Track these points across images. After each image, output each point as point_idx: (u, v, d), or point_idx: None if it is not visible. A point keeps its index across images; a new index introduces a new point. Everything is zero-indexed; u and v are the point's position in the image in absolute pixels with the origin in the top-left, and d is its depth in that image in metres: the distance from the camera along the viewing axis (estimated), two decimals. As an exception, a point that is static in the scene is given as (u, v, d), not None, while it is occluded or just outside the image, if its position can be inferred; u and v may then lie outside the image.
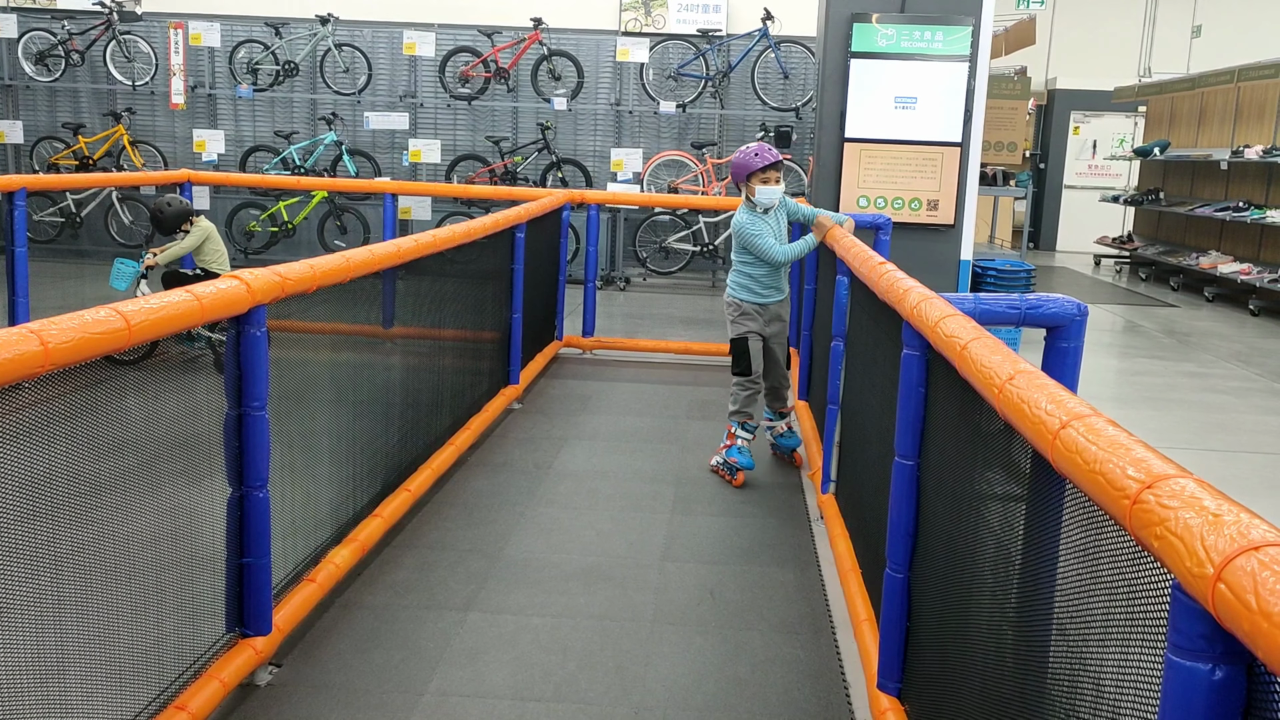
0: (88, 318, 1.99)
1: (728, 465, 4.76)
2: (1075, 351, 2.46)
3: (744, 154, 4.68)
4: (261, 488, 2.80)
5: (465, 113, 11.27)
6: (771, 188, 4.64)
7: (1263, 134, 11.43)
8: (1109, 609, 1.43)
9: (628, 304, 9.76)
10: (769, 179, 4.63)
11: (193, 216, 6.29)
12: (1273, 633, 0.83)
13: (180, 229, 6.26)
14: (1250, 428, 6.24)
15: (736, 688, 3.01)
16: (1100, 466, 1.24)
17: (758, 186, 4.62)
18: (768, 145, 4.67)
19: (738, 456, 4.73)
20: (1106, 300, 11.30)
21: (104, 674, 2.36)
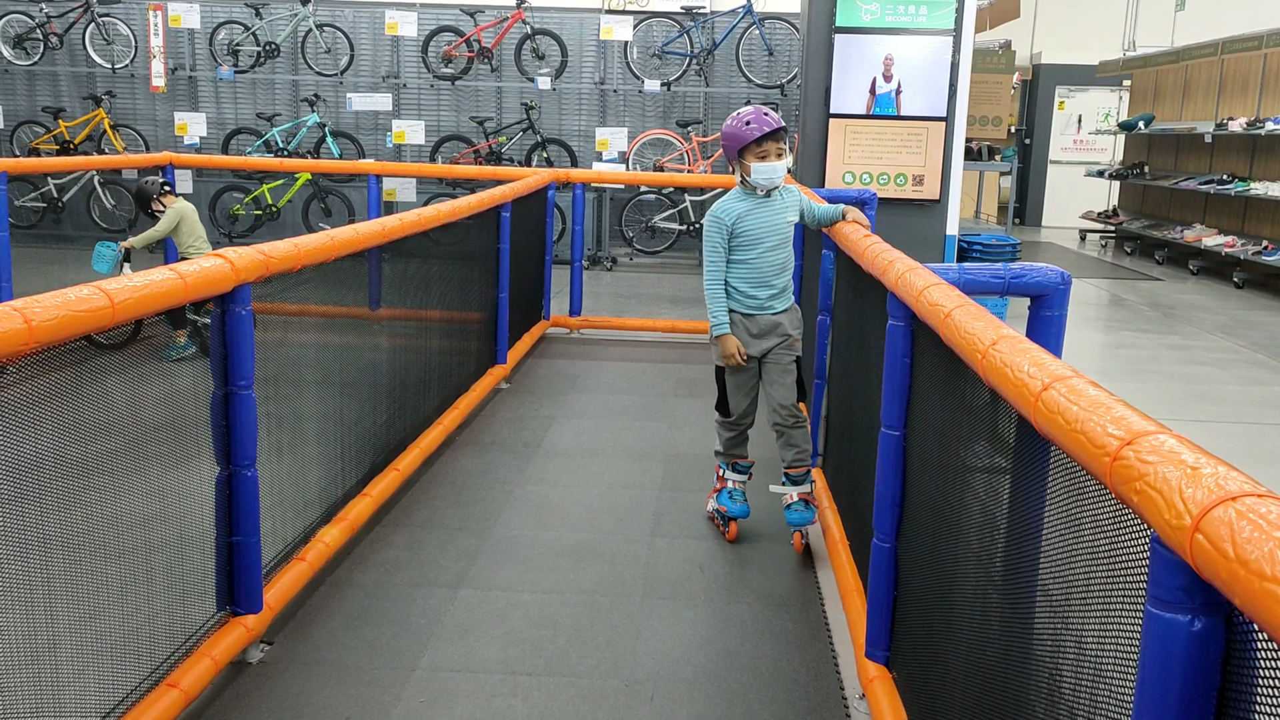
0: (71, 296, 1.98)
1: (719, 513, 3.94)
2: (1059, 320, 2.47)
3: (734, 122, 3.64)
4: (249, 466, 2.80)
5: (449, 93, 11.21)
6: (771, 163, 3.61)
7: (1246, 106, 11.46)
8: (1091, 567, 1.44)
9: (614, 283, 9.76)
10: (766, 152, 3.61)
11: (164, 197, 6.21)
12: (1249, 579, 0.85)
13: (152, 210, 6.20)
14: (1234, 399, 6.28)
15: (726, 659, 3.04)
16: (1081, 425, 1.26)
17: (753, 164, 3.61)
18: (763, 108, 3.64)
19: (727, 503, 3.88)
20: (1092, 274, 11.34)
21: (95, 653, 2.37)
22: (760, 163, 3.62)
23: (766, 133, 3.57)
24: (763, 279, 3.71)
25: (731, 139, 3.64)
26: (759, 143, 3.59)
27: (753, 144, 3.59)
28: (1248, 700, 0.99)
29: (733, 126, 3.63)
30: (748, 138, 3.58)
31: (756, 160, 3.62)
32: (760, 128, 3.57)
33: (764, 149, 3.60)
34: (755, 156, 3.62)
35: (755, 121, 3.59)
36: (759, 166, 3.62)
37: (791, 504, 3.84)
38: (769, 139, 3.59)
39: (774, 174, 3.63)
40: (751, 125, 3.58)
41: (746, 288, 3.72)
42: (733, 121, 3.64)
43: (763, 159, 3.61)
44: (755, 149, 3.60)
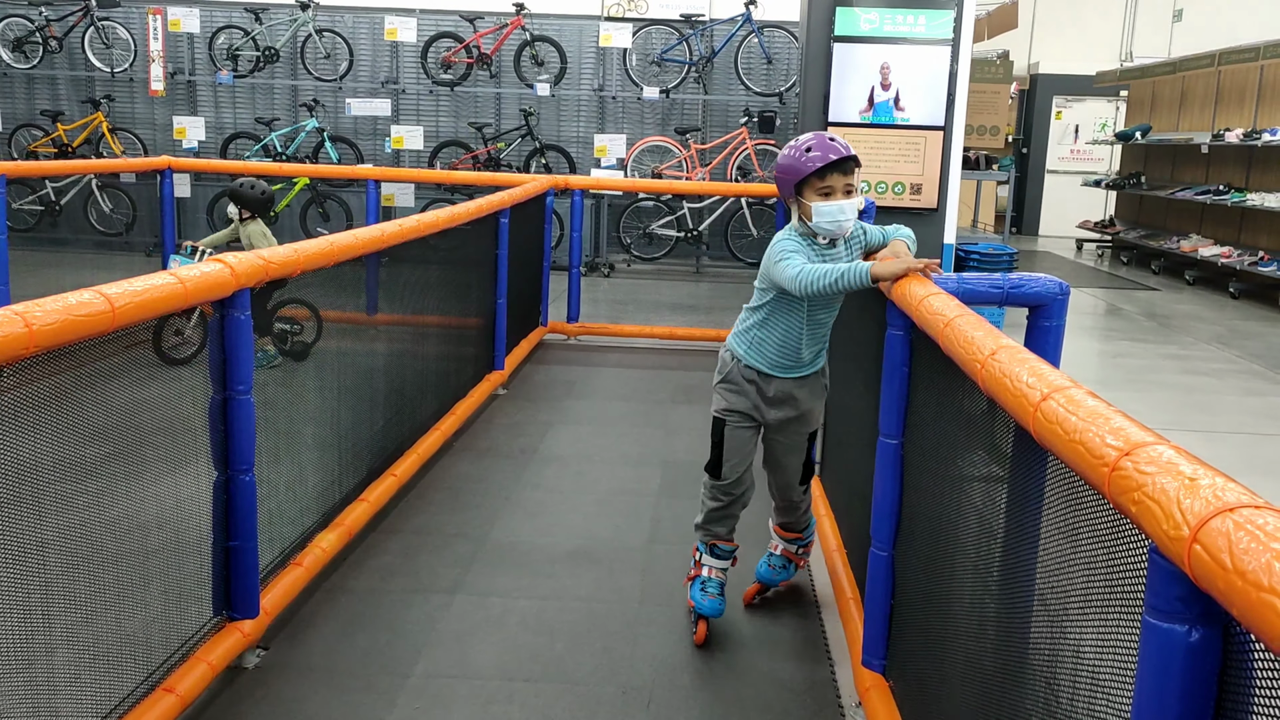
0: (72, 300, 1.99)
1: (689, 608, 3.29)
2: (1057, 330, 2.48)
3: (791, 151, 2.88)
4: (247, 471, 2.80)
5: (448, 99, 11.23)
6: (837, 202, 2.82)
7: (1243, 117, 11.50)
8: (1089, 577, 1.45)
9: (612, 290, 9.76)
10: (831, 188, 2.82)
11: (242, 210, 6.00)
12: (1247, 590, 0.85)
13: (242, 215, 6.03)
14: (1230, 409, 6.29)
15: (723, 667, 3.03)
16: (1080, 436, 1.26)
17: (814, 203, 2.83)
18: (826, 134, 2.87)
19: (697, 597, 3.19)
20: (1088, 284, 11.36)
21: (91, 657, 2.37)
22: (824, 202, 2.81)
23: (831, 162, 2.78)
24: (799, 343, 3.03)
25: (787, 171, 2.85)
26: (821, 175, 2.80)
27: (813, 177, 2.80)
28: (1244, 711, 0.99)
29: (789, 157, 2.86)
30: (806, 169, 2.79)
31: (819, 198, 2.82)
32: (825, 155, 2.78)
33: (828, 183, 2.81)
34: (817, 194, 2.82)
35: (818, 148, 2.80)
36: (823, 207, 2.81)
37: (772, 554, 3.42)
38: (834, 170, 2.80)
39: (841, 217, 2.83)
40: (813, 154, 2.80)
41: (777, 347, 3.04)
42: (789, 151, 2.88)
43: (827, 196, 2.82)
44: (817, 183, 2.82)
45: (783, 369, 3.07)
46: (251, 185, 6.05)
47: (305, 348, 5.45)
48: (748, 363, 3.08)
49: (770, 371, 3.07)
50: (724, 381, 3.15)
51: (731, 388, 3.13)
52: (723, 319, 8.24)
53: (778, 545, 3.44)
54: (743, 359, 3.09)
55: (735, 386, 3.12)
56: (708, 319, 8.25)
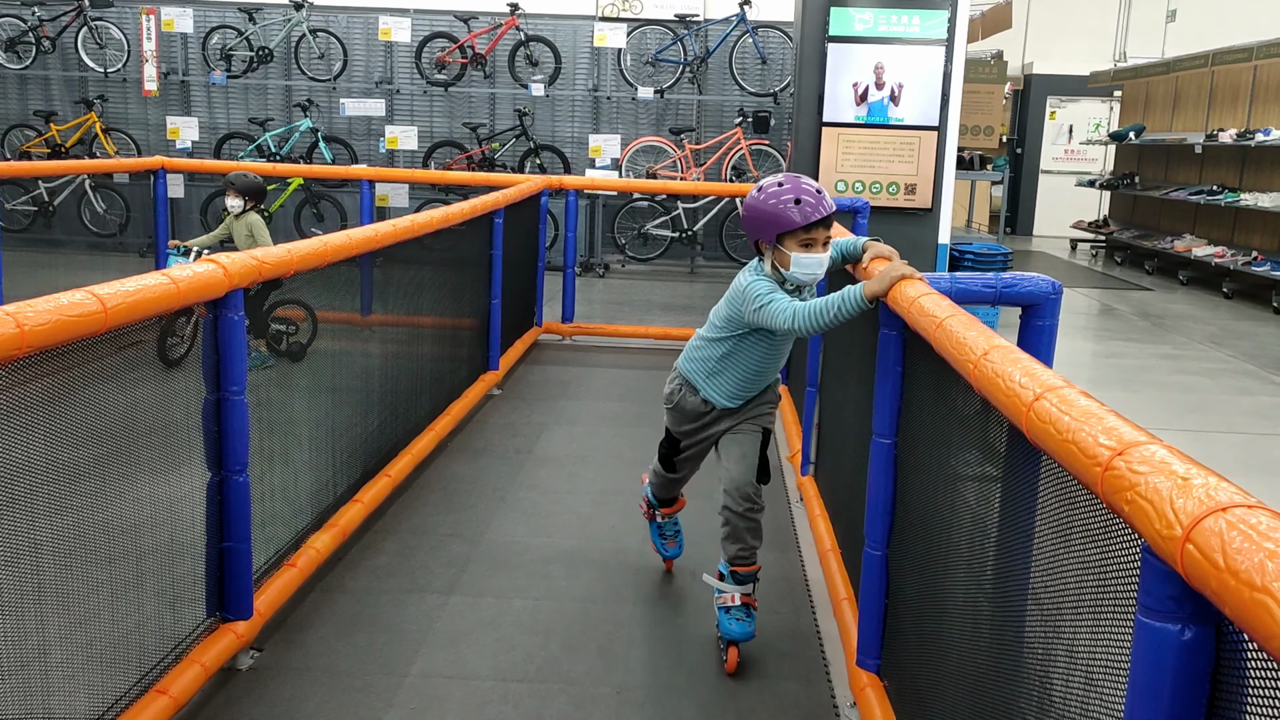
0: (64, 300, 1.98)
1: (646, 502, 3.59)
2: (1050, 330, 2.48)
3: (771, 198, 2.81)
4: (241, 472, 2.79)
5: (442, 99, 11.22)
6: (817, 255, 2.82)
7: (1236, 117, 11.53)
8: (1082, 577, 1.45)
9: (607, 290, 9.76)
10: (813, 240, 2.81)
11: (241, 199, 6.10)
12: (1240, 589, 0.85)
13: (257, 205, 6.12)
14: (1224, 409, 6.31)
15: (718, 667, 3.03)
16: (1073, 436, 1.26)
17: (794, 254, 2.80)
18: (806, 181, 2.82)
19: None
20: (1082, 284, 11.38)
21: (85, 659, 2.36)
22: (806, 254, 2.80)
23: (819, 219, 2.76)
24: (760, 375, 3.09)
25: (768, 219, 2.80)
26: (807, 229, 2.77)
27: (799, 231, 2.78)
28: (1237, 710, 0.99)
29: (772, 205, 2.79)
30: (793, 223, 2.76)
31: (800, 250, 2.80)
32: (814, 212, 2.76)
33: (812, 235, 2.79)
34: (799, 245, 2.80)
35: (807, 203, 2.76)
36: (804, 259, 2.80)
37: (730, 607, 3.07)
38: (819, 225, 2.78)
39: (819, 270, 2.85)
40: (803, 207, 2.76)
41: (739, 383, 3.07)
42: (768, 197, 2.81)
43: (807, 248, 2.80)
44: (802, 235, 2.78)
45: (736, 399, 3.11)
46: (244, 176, 6.17)
47: (301, 348, 5.44)
48: (702, 393, 3.12)
49: (720, 404, 3.11)
50: (674, 409, 3.25)
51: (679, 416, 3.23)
52: (717, 319, 8.24)
53: (734, 596, 3.08)
54: (698, 390, 3.13)
55: (683, 413, 3.21)
56: (703, 319, 8.21)
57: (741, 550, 3.08)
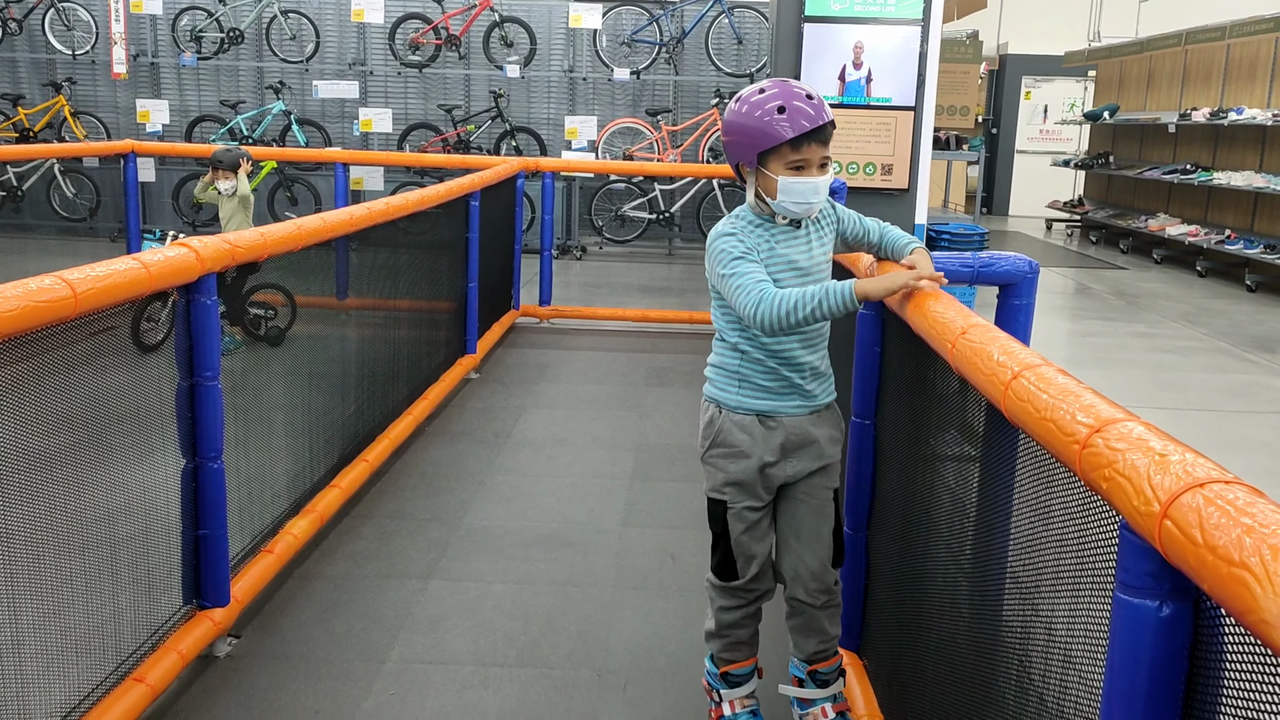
0: (33, 285, 1.95)
1: None
2: (1027, 309, 2.49)
3: (750, 107, 2.15)
4: (216, 459, 2.77)
5: (416, 81, 11.12)
6: (811, 179, 2.15)
7: (1209, 96, 11.59)
8: (1061, 555, 1.45)
9: (584, 273, 9.73)
10: (805, 161, 2.14)
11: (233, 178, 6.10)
12: (1217, 564, 0.85)
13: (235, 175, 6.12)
14: (1198, 386, 6.37)
15: (698, 649, 3.03)
16: (1051, 414, 1.26)
17: (782, 177, 2.15)
18: (803, 88, 2.16)
19: None
20: (1058, 264, 11.45)
21: (59, 648, 2.33)
22: (796, 177, 2.14)
23: (807, 130, 2.10)
24: (789, 355, 2.29)
25: (748, 134, 2.15)
26: (796, 144, 2.11)
27: (786, 146, 2.12)
28: (1215, 684, 1.00)
29: (749, 115, 2.14)
30: (777, 136, 2.11)
31: (789, 172, 2.14)
32: (804, 121, 2.10)
33: (803, 155, 2.13)
34: (787, 167, 2.14)
35: (793, 109, 2.10)
36: (794, 184, 2.14)
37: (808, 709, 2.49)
38: (812, 139, 2.12)
39: (815, 198, 2.18)
40: (790, 115, 2.09)
41: (770, 374, 2.29)
42: (747, 107, 2.15)
43: (799, 170, 2.14)
44: (789, 154, 2.13)
45: (788, 401, 2.31)
46: (227, 151, 6.22)
47: (280, 333, 5.40)
48: (740, 407, 2.31)
49: (773, 410, 2.30)
50: (715, 445, 2.33)
51: (727, 452, 2.31)
52: (695, 301, 8.24)
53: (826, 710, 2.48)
54: (733, 405, 2.31)
55: (732, 449, 2.30)
56: (680, 301, 8.25)
57: (822, 643, 2.44)
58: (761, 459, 2.31)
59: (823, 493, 2.38)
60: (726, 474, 2.34)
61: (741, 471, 2.32)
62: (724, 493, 2.36)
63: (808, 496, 2.37)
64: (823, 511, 2.38)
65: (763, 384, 2.31)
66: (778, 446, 2.31)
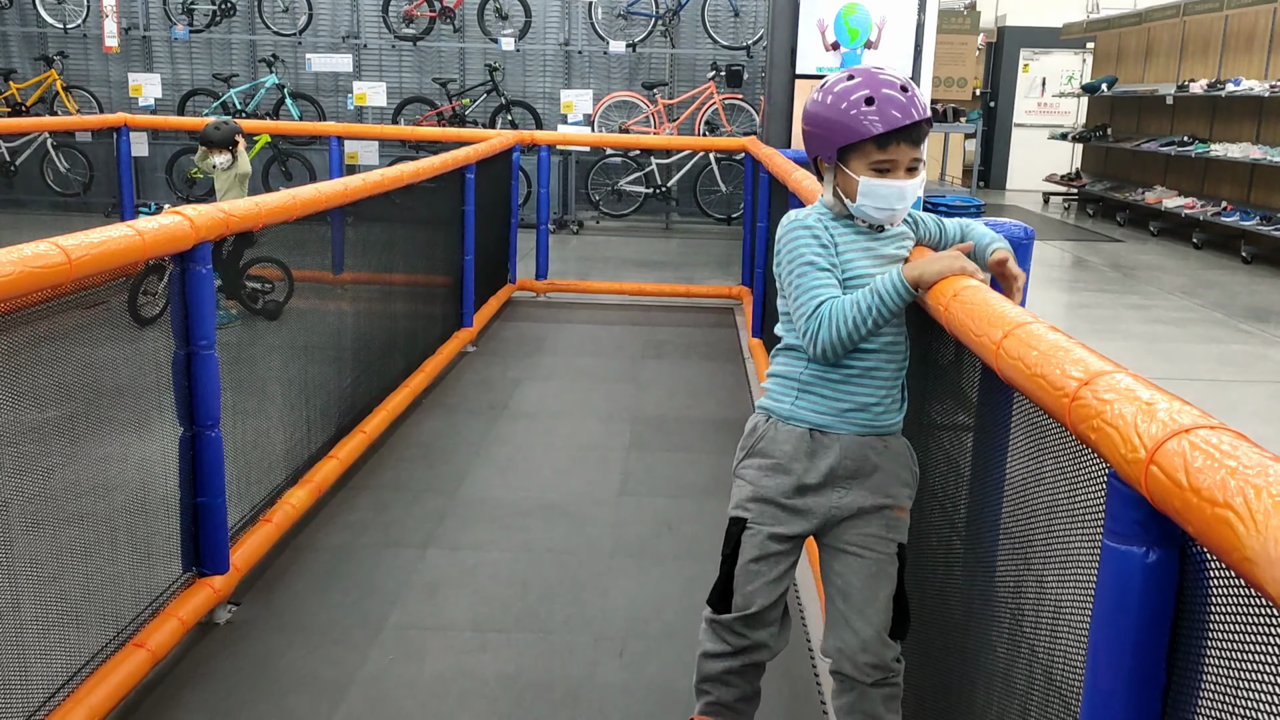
0: (28, 252, 1.95)
1: None
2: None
3: (835, 98, 1.90)
4: (213, 427, 2.78)
5: (410, 54, 11.06)
6: (897, 183, 1.90)
7: (1207, 68, 11.56)
8: (1054, 511, 1.47)
9: (581, 247, 9.72)
10: (893, 162, 1.89)
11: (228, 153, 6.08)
12: (1202, 507, 0.87)
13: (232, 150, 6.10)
14: (1192, 356, 6.39)
15: (694, 614, 3.04)
16: (1041, 369, 1.27)
17: (864, 178, 1.89)
18: (896, 78, 1.89)
19: None
20: (1055, 236, 11.44)
21: (60, 613, 2.35)
22: (880, 180, 1.89)
23: (899, 125, 1.85)
24: (862, 371, 1.96)
25: (830, 128, 1.90)
26: (882, 143, 1.87)
27: (870, 143, 1.87)
28: (1201, 628, 1.01)
29: (833, 106, 1.89)
30: (864, 130, 1.86)
31: (871, 173, 1.90)
32: (894, 115, 1.85)
33: (890, 155, 1.88)
34: (871, 167, 1.89)
35: (883, 100, 1.85)
36: (877, 187, 1.89)
37: None
38: (902, 138, 1.87)
39: (900, 204, 1.93)
40: (880, 108, 1.85)
41: (831, 381, 1.97)
42: (830, 97, 1.91)
43: (884, 173, 1.90)
44: (874, 152, 1.88)
45: (848, 418, 1.96)
46: (217, 127, 6.16)
47: (277, 307, 5.40)
48: (794, 418, 1.98)
49: (830, 426, 1.96)
50: (751, 455, 2.02)
51: (763, 464, 1.99)
52: (692, 275, 8.24)
53: None
54: (785, 414, 1.99)
55: (769, 460, 1.98)
56: (677, 275, 8.24)
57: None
58: (801, 479, 1.95)
59: (881, 547, 1.96)
60: (754, 488, 2.00)
61: (774, 488, 1.96)
62: (746, 509, 2.00)
63: (862, 551, 1.96)
64: (880, 572, 1.95)
65: (826, 396, 1.97)
66: (826, 470, 1.94)
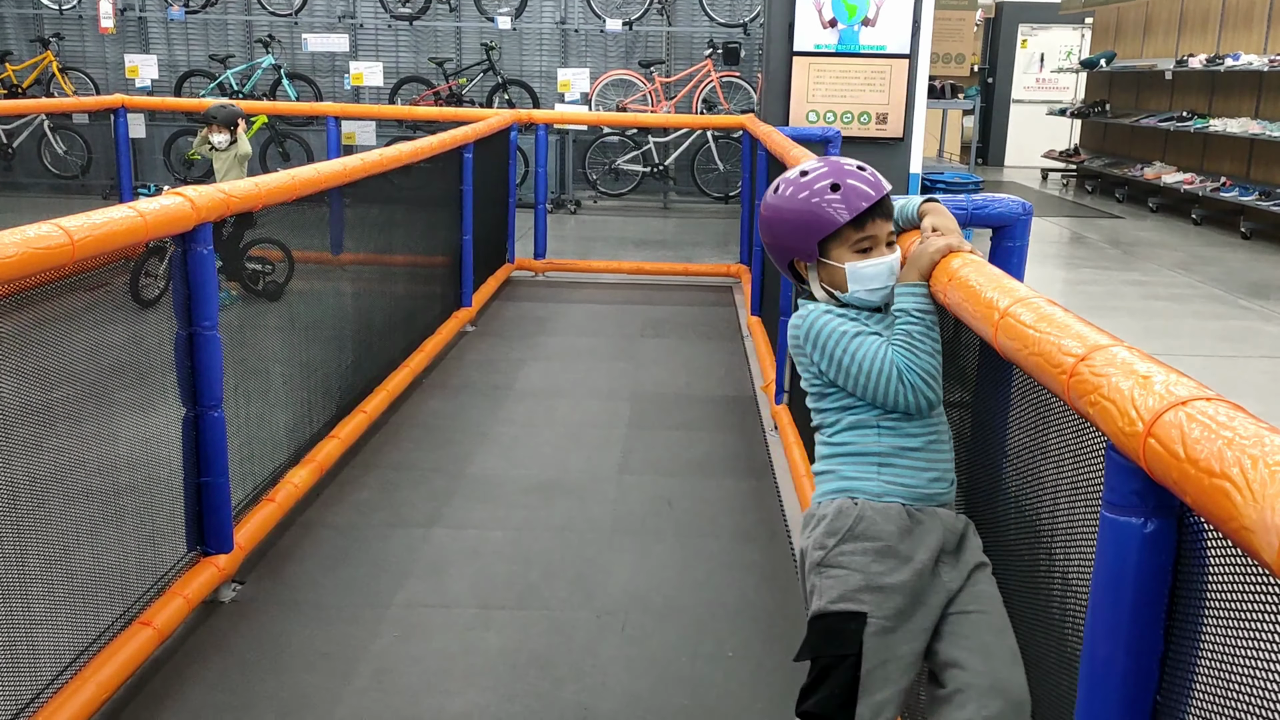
0: (31, 233, 1.96)
1: None
2: (1021, 250, 2.50)
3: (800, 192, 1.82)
4: (216, 407, 2.79)
5: (407, 33, 11.01)
6: (881, 260, 1.80)
7: (1206, 43, 11.52)
8: (1056, 484, 1.48)
9: (579, 227, 9.71)
10: (873, 239, 1.80)
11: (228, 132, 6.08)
12: (1199, 477, 0.88)
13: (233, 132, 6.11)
14: (1191, 332, 6.40)
15: (694, 590, 3.09)
16: (1040, 347, 1.28)
17: (851, 264, 1.80)
18: (851, 161, 1.85)
19: None
20: (1053, 213, 11.43)
21: (67, 593, 2.37)
22: (865, 261, 1.79)
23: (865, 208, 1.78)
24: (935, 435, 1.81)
25: (802, 225, 1.81)
26: (859, 223, 1.78)
27: (849, 227, 1.78)
28: (1198, 597, 1.03)
29: (800, 199, 1.81)
30: (837, 220, 1.78)
31: (856, 257, 1.80)
32: (866, 195, 1.78)
33: (868, 233, 1.79)
34: (852, 251, 1.80)
35: (851, 187, 1.79)
36: (863, 270, 1.80)
37: None
38: (877, 214, 1.80)
39: (889, 279, 1.81)
40: (847, 193, 1.78)
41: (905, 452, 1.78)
42: (792, 189, 1.83)
43: (865, 253, 1.80)
44: (853, 233, 1.79)
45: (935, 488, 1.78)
46: (223, 107, 6.17)
47: (278, 288, 5.41)
48: (887, 494, 1.75)
49: (921, 500, 1.76)
50: (849, 539, 1.74)
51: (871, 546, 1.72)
52: (690, 253, 8.24)
53: None
54: (876, 492, 1.75)
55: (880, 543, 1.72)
56: (675, 254, 8.25)
57: None
58: (914, 560, 1.71)
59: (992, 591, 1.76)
60: (866, 575, 1.70)
61: (889, 574, 1.70)
62: (860, 601, 1.70)
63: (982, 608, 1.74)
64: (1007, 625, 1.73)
65: (911, 466, 1.76)
66: (936, 547, 1.73)
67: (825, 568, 1.74)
